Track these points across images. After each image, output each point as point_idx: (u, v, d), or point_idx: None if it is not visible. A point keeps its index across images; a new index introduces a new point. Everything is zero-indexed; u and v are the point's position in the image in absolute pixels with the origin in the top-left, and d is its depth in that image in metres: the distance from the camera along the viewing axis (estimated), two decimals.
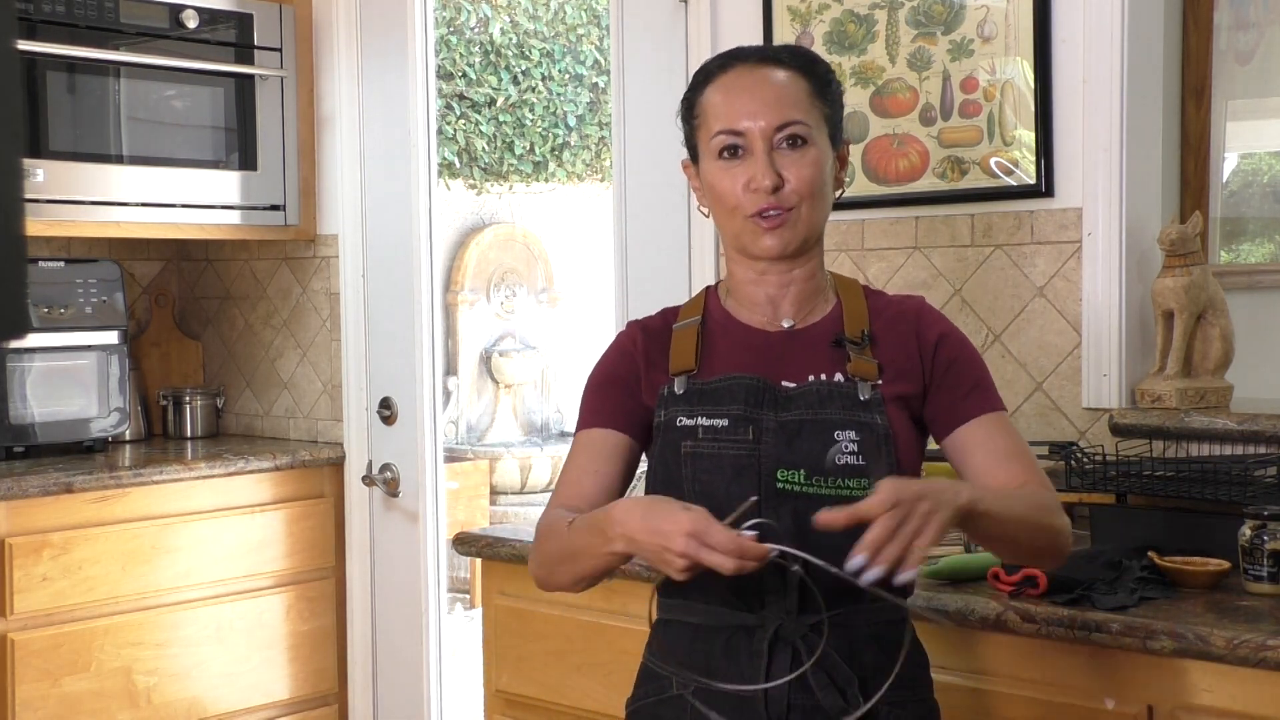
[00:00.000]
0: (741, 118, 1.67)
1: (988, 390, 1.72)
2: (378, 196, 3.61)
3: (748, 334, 1.74)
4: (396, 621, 3.60)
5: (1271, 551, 1.90)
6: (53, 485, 3.15)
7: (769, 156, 1.66)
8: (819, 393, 1.67)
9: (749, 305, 1.75)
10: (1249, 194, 2.98)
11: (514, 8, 7.82)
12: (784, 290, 1.73)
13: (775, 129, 1.66)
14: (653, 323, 1.80)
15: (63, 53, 3.29)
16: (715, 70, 1.73)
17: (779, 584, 1.62)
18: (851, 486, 1.62)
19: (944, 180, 2.69)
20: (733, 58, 1.73)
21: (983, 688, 1.97)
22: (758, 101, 1.67)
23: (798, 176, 1.67)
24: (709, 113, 1.71)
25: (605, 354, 1.80)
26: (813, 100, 1.69)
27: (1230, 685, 1.76)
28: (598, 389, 1.77)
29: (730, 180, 1.68)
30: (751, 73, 1.70)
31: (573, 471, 1.74)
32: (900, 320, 1.73)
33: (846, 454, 1.63)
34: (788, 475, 1.62)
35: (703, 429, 1.66)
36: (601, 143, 8.00)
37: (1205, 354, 2.48)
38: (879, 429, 1.64)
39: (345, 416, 3.69)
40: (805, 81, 1.70)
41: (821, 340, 1.72)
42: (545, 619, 2.49)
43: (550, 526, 1.69)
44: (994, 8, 2.62)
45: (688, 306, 1.80)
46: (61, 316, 3.48)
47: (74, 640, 3.19)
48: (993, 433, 1.69)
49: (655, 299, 2.10)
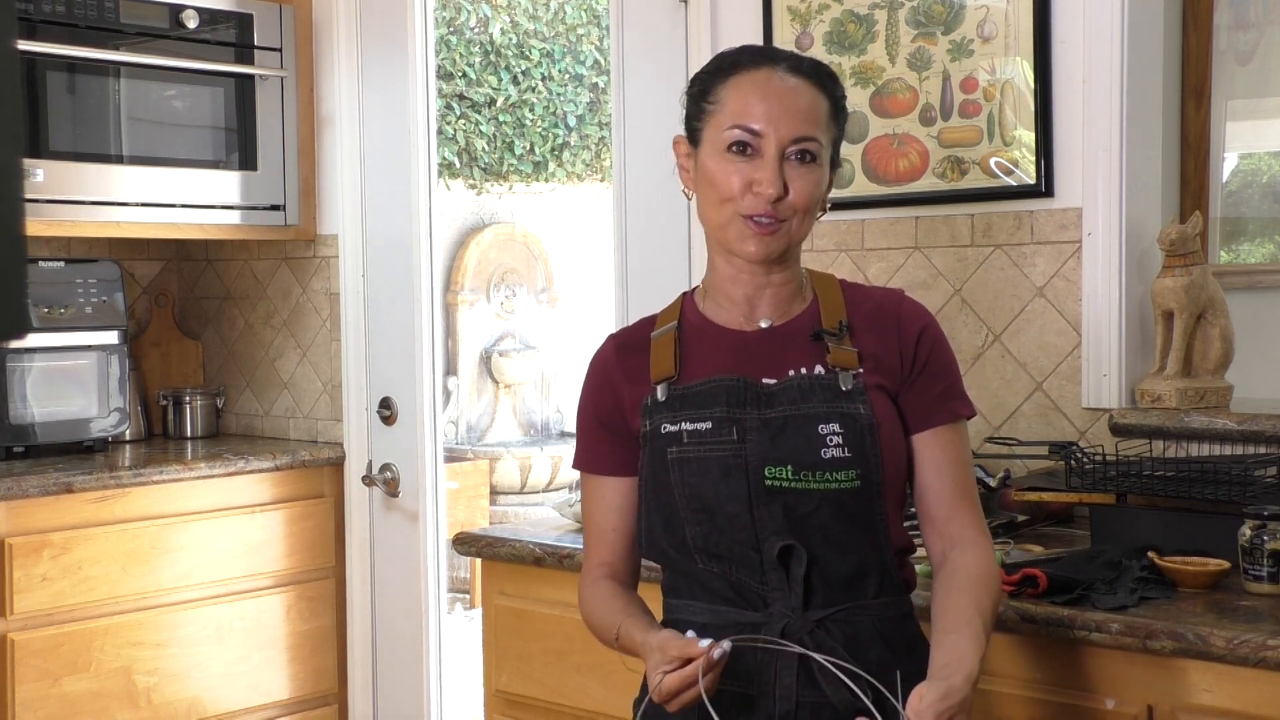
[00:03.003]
0: (764, 120, 1.67)
1: (956, 394, 1.75)
2: (378, 196, 3.61)
3: (725, 335, 1.75)
4: (396, 621, 3.60)
5: (1271, 551, 1.90)
6: (53, 485, 3.15)
7: (779, 165, 1.66)
8: (800, 387, 1.67)
9: (726, 304, 1.76)
10: (1249, 194, 2.98)
11: (514, 8, 7.82)
12: (760, 291, 1.74)
13: (792, 140, 1.67)
14: (629, 334, 1.83)
15: (63, 53, 3.29)
16: (746, 64, 1.71)
17: (782, 581, 1.63)
18: (840, 479, 1.63)
19: (944, 180, 2.69)
20: (766, 58, 1.72)
21: (983, 688, 1.96)
22: (784, 109, 1.67)
23: (800, 191, 1.67)
24: (728, 104, 1.69)
25: (587, 380, 1.83)
26: (829, 121, 1.71)
27: (1230, 685, 1.76)
28: (589, 427, 1.81)
29: (733, 176, 1.68)
30: (783, 80, 1.69)
31: (594, 530, 1.81)
32: (881, 313, 1.74)
33: (832, 447, 1.63)
34: (775, 472, 1.63)
35: (687, 434, 1.67)
36: (601, 143, 8.00)
37: (1205, 354, 2.48)
38: (863, 419, 1.65)
39: (345, 416, 3.69)
40: (827, 102, 1.71)
41: (799, 335, 1.73)
42: (545, 619, 2.49)
43: (597, 620, 1.77)
44: (994, 8, 2.62)
45: (664, 314, 1.82)
46: (61, 316, 3.48)
47: (74, 640, 3.19)
48: (946, 447, 1.72)
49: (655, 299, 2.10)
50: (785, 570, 1.63)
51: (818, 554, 1.63)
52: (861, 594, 1.66)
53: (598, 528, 1.80)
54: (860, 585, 1.66)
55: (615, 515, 1.78)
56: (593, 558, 1.81)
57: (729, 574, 1.66)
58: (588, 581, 1.80)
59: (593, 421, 1.80)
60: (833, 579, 1.64)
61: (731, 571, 1.66)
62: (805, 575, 1.62)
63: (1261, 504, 1.96)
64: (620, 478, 1.77)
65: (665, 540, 1.70)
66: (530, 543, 2.50)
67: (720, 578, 1.67)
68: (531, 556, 2.48)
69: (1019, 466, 2.53)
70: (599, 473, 1.79)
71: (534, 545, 2.49)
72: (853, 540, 1.64)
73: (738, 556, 1.65)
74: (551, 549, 2.46)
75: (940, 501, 1.71)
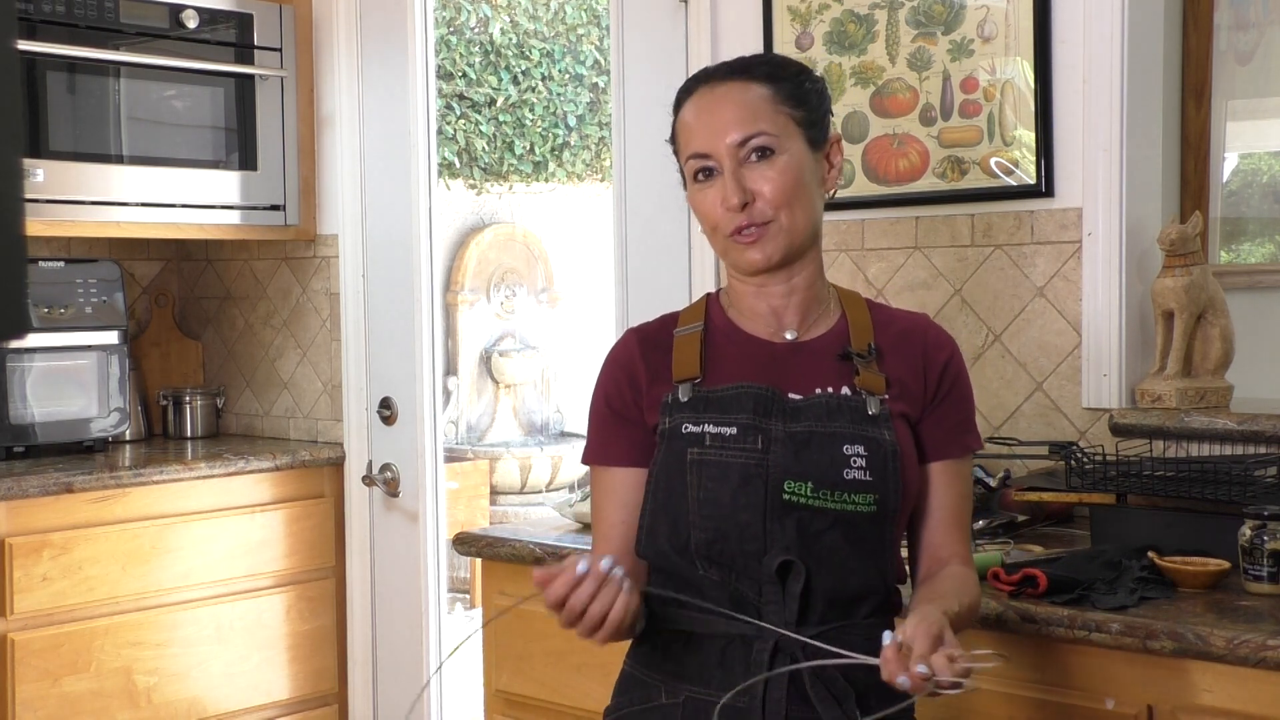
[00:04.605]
0: (704, 139, 1.69)
1: (970, 427, 1.76)
2: (378, 196, 3.61)
3: (752, 344, 1.74)
4: (396, 621, 3.60)
5: (1271, 551, 1.90)
6: (53, 485, 3.15)
7: (735, 175, 1.67)
8: (827, 405, 1.66)
9: (751, 316, 1.76)
10: (1249, 194, 2.98)
11: (514, 8, 7.82)
12: (786, 300, 1.74)
13: (738, 145, 1.67)
14: (651, 329, 1.80)
15: (63, 53, 3.29)
16: (683, 94, 1.75)
17: (778, 595, 1.62)
18: (857, 502, 1.62)
19: (944, 180, 2.69)
20: (699, 80, 1.75)
21: (983, 688, 1.96)
22: (717, 120, 1.68)
23: (769, 188, 1.67)
24: (681, 137, 1.74)
25: (604, 370, 1.80)
26: (777, 107, 1.69)
27: (1230, 685, 1.76)
28: (604, 419, 1.78)
29: (706, 201, 1.69)
30: (712, 92, 1.71)
31: (603, 524, 1.77)
32: (908, 338, 1.74)
33: (854, 469, 1.63)
34: (794, 487, 1.62)
35: (710, 436, 1.65)
36: (601, 143, 8.00)
37: (1205, 354, 2.48)
38: (887, 445, 1.64)
39: (345, 416, 3.69)
40: (769, 89, 1.69)
41: (827, 353, 1.72)
42: (545, 619, 2.47)
43: None
44: (994, 8, 2.62)
45: (688, 312, 1.80)
46: (61, 316, 3.48)
47: (74, 640, 3.19)
48: (954, 480, 1.73)
49: (655, 299, 2.10)
50: (782, 585, 1.62)
51: (823, 573, 1.62)
52: (854, 615, 1.65)
53: (606, 522, 1.77)
54: (857, 608, 1.66)
55: (626, 509, 1.74)
56: (598, 551, 1.76)
57: (728, 582, 1.64)
58: None
59: (607, 413, 1.77)
60: (834, 599, 1.63)
61: (731, 580, 1.64)
62: (807, 593, 1.61)
63: (1261, 504, 1.96)
64: (633, 469, 1.74)
65: (668, 541, 1.67)
66: (530, 543, 2.50)
67: (718, 585, 1.64)
68: (531, 556, 2.48)
69: (1019, 466, 2.53)
70: (612, 464, 1.76)
71: (534, 545, 2.49)
72: (860, 563, 1.63)
73: (740, 566, 1.63)
74: (551, 549, 2.46)
75: (938, 530, 1.72)
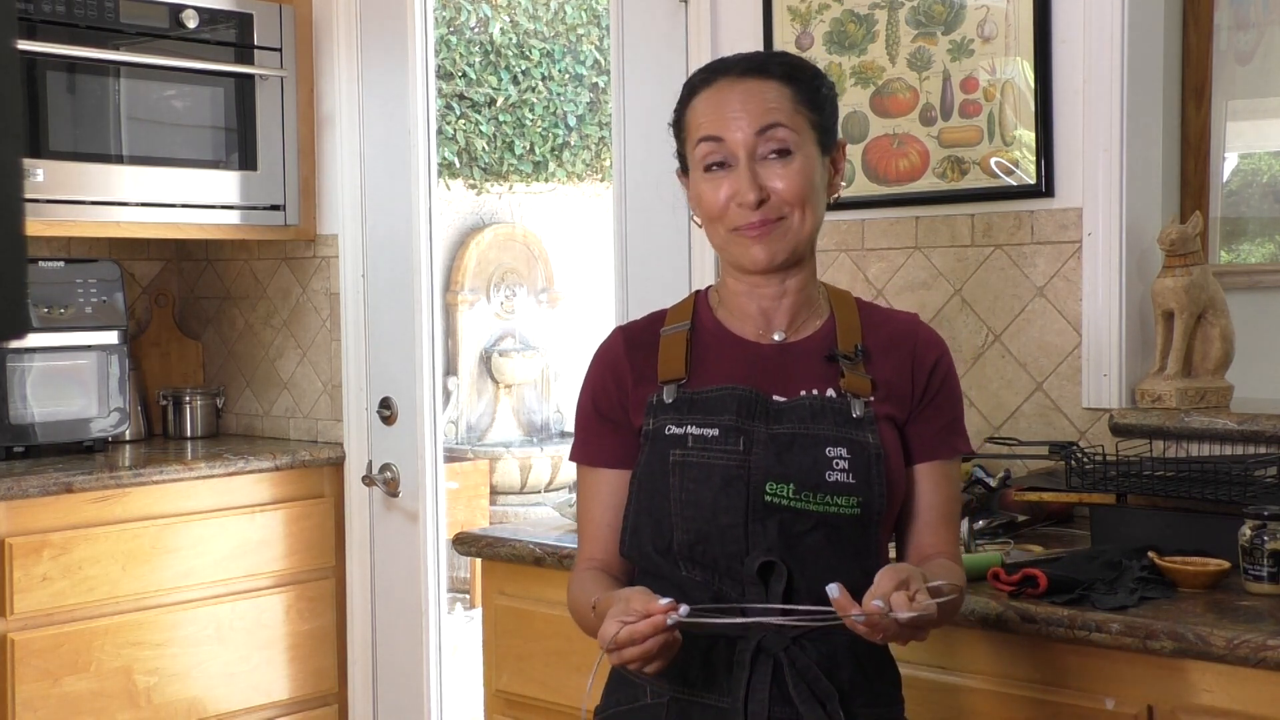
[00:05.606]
0: (722, 126, 1.67)
1: (958, 430, 1.75)
2: (378, 196, 3.61)
3: (739, 345, 1.73)
4: (396, 621, 3.60)
5: (1271, 551, 1.90)
6: (53, 485, 3.15)
7: (752, 169, 1.66)
8: (811, 407, 1.66)
9: (740, 316, 1.75)
10: (1249, 194, 2.98)
11: (514, 8, 7.82)
12: (777, 302, 1.73)
13: (756, 135, 1.66)
14: (638, 327, 1.80)
15: (63, 53, 3.29)
16: (699, 83, 1.73)
17: (761, 596, 1.61)
18: (840, 504, 1.62)
19: (944, 180, 2.69)
20: (716, 70, 1.73)
21: (983, 688, 1.97)
22: (739, 111, 1.67)
23: (785, 186, 1.66)
24: (693, 124, 1.71)
25: (591, 369, 1.80)
26: (797, 108, 1.68)
27: (1230, 685, 1.76)
28: (590, 419, 1.78)
29: (715, 192, 1.68)
30: (734, 85, 1.69)
31: (589, 525, 1.77)
32: (897, 339, 1.73)
33: (837, 471, 1.62)
34: (776, 488, 1.62)
35: (692, 438, 1.65)
36: (601, 143, 8.00)
37: (1205, 354, 2.48)
38: (871, 448, 1.64)
39: (345, 416, 3.69)
40: (789, 89, 1.69)
41: (814, 354, 1.71)
42: (545, 619, 2.49)
43: (578, 602, 1.73)
44: (994, 8, 2.62)
45: (675, 311, 1.79)
46: (61, 316, 3.48)
47: (74, 640, 3.19)
48: (942, 482, 1.73)
49: (655, 299, 2.10)
50: (765, 586, 1.61)
51: (807, 575, 1.61)
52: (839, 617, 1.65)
53: (592, 523, 1.77)
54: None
55: (612, 511, 1.74)
56: (584, 552, 1.77)
57: (711, 583, 1.64)
58: (576, 575, 1.77)
59: (593, 413, 1.77)
60: (818, 600, 1.62)
61: (714, 581, 1.64)
62: (790, 594, 1.60)
63: (1261, 504, 1.96)
64: (618, 470, 1.74)
65: (651, 542, 1.67)
66: (530, 543, 2.50)
67: (702, 586, 1.64)
68: (531, 556, 2.48)
69: (1019, 466, 2.53)
70: (597, 465, 1.76)
71: (534, 545, 2.49)
72: (843, 564, 1.62)
73: (723, 567, 1.63)
74: (551, 549, 2.46)
75: (926, 531, 1.72)
